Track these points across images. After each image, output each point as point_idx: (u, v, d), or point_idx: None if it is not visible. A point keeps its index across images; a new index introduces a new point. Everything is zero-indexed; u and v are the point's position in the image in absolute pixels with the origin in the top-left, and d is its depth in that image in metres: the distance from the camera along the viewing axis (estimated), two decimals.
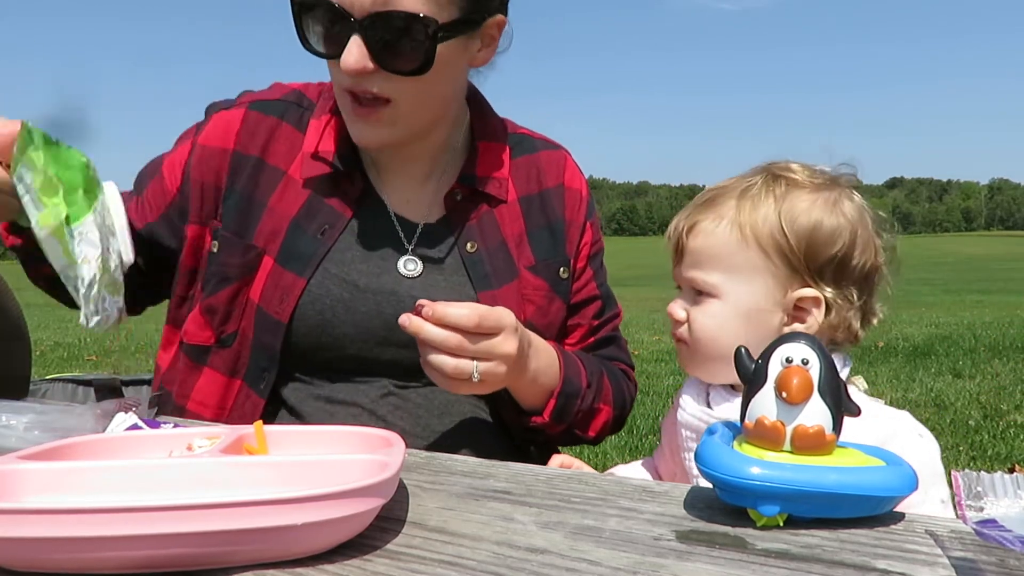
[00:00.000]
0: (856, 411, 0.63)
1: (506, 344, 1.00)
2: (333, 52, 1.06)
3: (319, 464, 0.67)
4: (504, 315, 1.01)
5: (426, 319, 0.97)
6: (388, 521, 0.63)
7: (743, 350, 0.64)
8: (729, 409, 0.97)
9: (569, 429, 1.21)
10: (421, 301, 0.99)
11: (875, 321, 1.01)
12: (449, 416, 1.17)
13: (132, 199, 1.24)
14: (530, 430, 1.19)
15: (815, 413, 0.61)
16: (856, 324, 0.98)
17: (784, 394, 0.61)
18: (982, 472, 0.55)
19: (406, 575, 0.53)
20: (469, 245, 1.20)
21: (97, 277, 0.95)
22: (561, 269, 1.26)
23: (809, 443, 0.61)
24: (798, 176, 1.00)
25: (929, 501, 0.85)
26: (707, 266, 0.99)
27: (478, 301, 1.17)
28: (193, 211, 1.20)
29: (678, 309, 1.03)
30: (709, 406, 1.01)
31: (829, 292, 0.96)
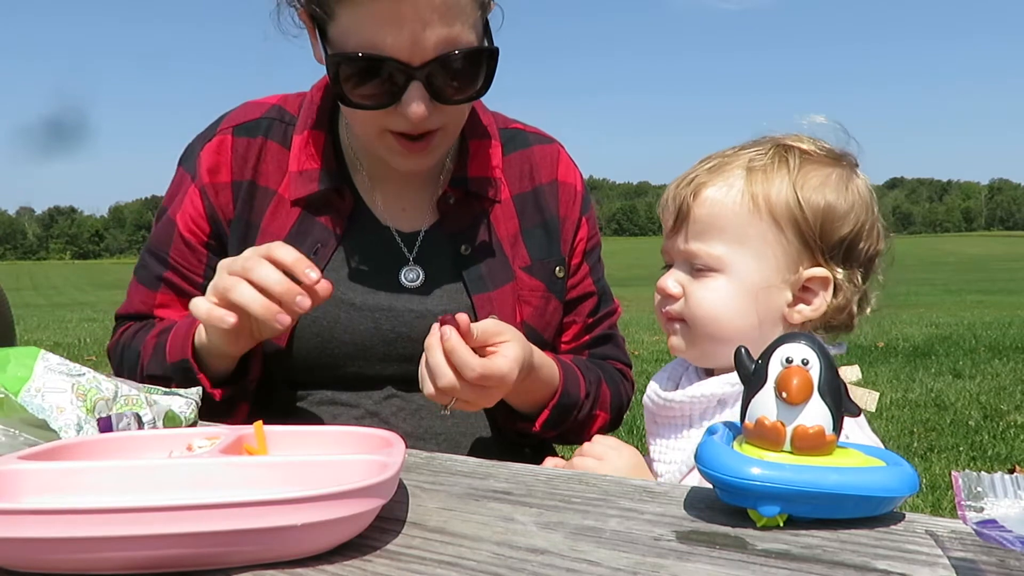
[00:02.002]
0: (856, 411, 0.63)
1: (492, 397, 0.99)
2: (386, 102, 1.02)
3: (319, 464, 0.66)
4: (507, 374, 0.98)
5: (442, 339, 0.95)
6: (388, 521, 0.63)
7: (743, 350, 0.64)
8: (688, 392, 0.94)
9: (563, 435, 1.20)
10: (459, 316, 0.96)
11: (868, 310, 0.97)
12: (453, 417, 1.17)
13: (164, 272, 1.19)
14: (522, 434, 1.18)
15: (815, 413, 0.61)
16: (855, 309, 0.94)
17: (784, 394, 0.60)
18: (982, 472, 0.55)
19: (406, 575, 0.53)
20: (463, 248, 1.19)
21: (82, 417, 0.85)
22: (557, 268, 1.25)
23: (809, 443, 0.61)
24: (808, 148, 0.95)
25: None
26: (712, 237, 0.92)
27: (473, 305, 1.16)
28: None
29: (672, 283, 0.95)
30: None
31: (840, 273, 0.92)
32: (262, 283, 0.92)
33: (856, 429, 0.87)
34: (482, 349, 0.98)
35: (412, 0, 0.95)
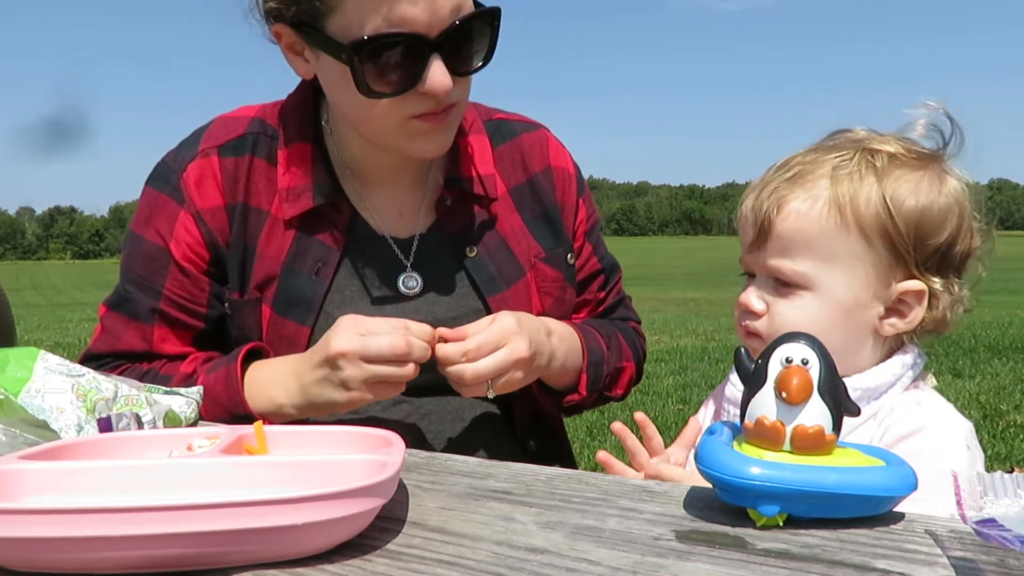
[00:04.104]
0: (856, 411, 0.63)
1: (516, 350, 1.00)
2: (409, 84, 0.99)
3: (319, 464, 0.67)
4: (503, 325, 1.01)
5: (438, 360, 1.00)
6: (388, 521, 0.63)
7: (742, 350, 0.64)
8: None
9: (601, 394, 1.22)
10: (438, 332, 1.01)
11: (961, 310, 0.90)
12: (462, 421, 1.17)
13: (158, 305, 1.12)
14: (566, 408, 1.22)
15: (815, 413, 0.61)
16: (950, 314, 0.88)
17: (784, 394, 0.61)
18: (982, 472, 0.55)
19: (406, 575, 0.53)
20: (468, 250, 1.18)
21: (82, 417, 0.84)
22: (568, 256, 1.26)
23: (809, 443, 0.61)
24: (895, 150, 0.88)
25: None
26: (798, 253, 0.87)
27: (487, 308, 1.16)
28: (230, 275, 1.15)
29: (755, 300, 0.90)
30: None
31: (936, 283, 0.86)
32: (420, 361, 0.99)
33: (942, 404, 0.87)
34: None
35: None
